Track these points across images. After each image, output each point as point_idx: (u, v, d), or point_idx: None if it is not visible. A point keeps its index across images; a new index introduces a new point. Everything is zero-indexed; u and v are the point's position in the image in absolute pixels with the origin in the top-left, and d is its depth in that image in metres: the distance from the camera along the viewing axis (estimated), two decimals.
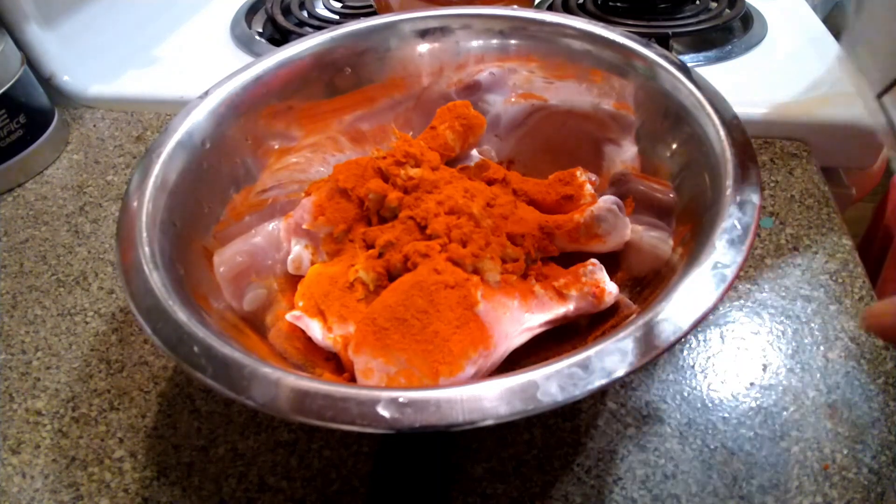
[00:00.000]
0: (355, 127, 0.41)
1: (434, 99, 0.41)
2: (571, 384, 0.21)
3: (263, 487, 0.31)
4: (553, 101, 0.40)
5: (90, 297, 0.41)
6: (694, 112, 0.32)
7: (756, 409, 0.32)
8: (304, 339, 0.31)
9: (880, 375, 0.33)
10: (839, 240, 0.40)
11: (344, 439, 0.32)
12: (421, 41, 0.41)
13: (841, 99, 0.48)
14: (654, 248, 0.32)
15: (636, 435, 0.31)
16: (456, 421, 0.21)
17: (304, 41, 0.40)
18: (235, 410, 0.34)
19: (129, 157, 0.53)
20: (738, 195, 0.27)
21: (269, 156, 0.38)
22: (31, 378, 0.36)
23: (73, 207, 0.48)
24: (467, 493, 0.30)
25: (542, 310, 0.31)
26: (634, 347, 0.22)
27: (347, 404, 0.21)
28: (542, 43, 0.40)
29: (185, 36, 0.67)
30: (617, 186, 0.37)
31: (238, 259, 0.34)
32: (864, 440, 0.30)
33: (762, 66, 0.54)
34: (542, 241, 0.33)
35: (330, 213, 0.34)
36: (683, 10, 0.61)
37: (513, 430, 0.32)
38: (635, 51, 0.36)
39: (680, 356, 0.35)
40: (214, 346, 0.24)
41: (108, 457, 0.32)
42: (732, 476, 0.29)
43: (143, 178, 0.31)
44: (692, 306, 0.23)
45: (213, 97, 0.36)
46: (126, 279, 0.27)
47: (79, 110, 0.59)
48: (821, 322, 0.36)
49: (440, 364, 0.27)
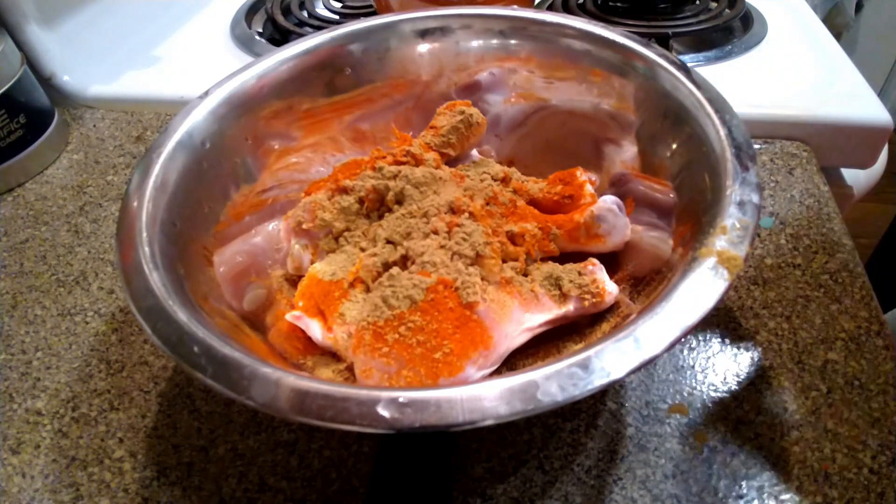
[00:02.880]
0: (355, 127, 0.41)
1: (434, 99, 0.41)
2: (571, 384, 0.21)
3: (263, 487, 0.31)
4: (553, 101, 0.40)
5: (90, 297, 0.41)
6: (694, 112, 0.32)
7: (756, 409, 0.32)
8: (304, 339, 0.31)
9: (880, 375, 0.33)
10: (839, 240, 0.40)
11: (344, 439, 0.32)
12: (421, 41, 0.41)
13: (841, 99, 0.48)
14: (654, 248, 0.32)
15: (636, 435, 0.31)
16: (456, 421, 0.21)
17: (304, 41, 0.40)
18: (235, 410, 0.34)
19: (129, 157, 0.53)
20: (738, 195, 0.27)
21: (269, 156, 0.38)
22: (31, 378, 0.36)
23: (73, 207, 0.48)
24: (467, 493, 0.30)
25: (542, 310, 0.31)
26: (634, 347, 0.22)
27: (347, 404, 0.21)
28: (542, 43, 0.40)
29: (185, 36, 0.67)
30: (617, 186, 0.37)
31: (238, 259, 0.34)
32: (864, 440, 0.30)
33: (762, 66, 0.54)
34: (542, 241, 0.33)
35: (330, 212, 0.34)
36: (683, 10, 0.61)
37: (513, 430, 0.32)
38: (635, 51, 0.36)
39: (680, 356, 0.35)
40: (214, 346, 0.24)
41: (108, 457, 0.32)
42: (732, 476, 0.29)
43: (143, 178, 0.31)
44: (692, 306, 0.23)
45: (213, 97, 0.36)
46: (126, 279, 0.27)
47: (79, 110, 0.59)
48: (821, 322, 0.36)
49: (440, 364, 0.27)
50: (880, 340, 0.34)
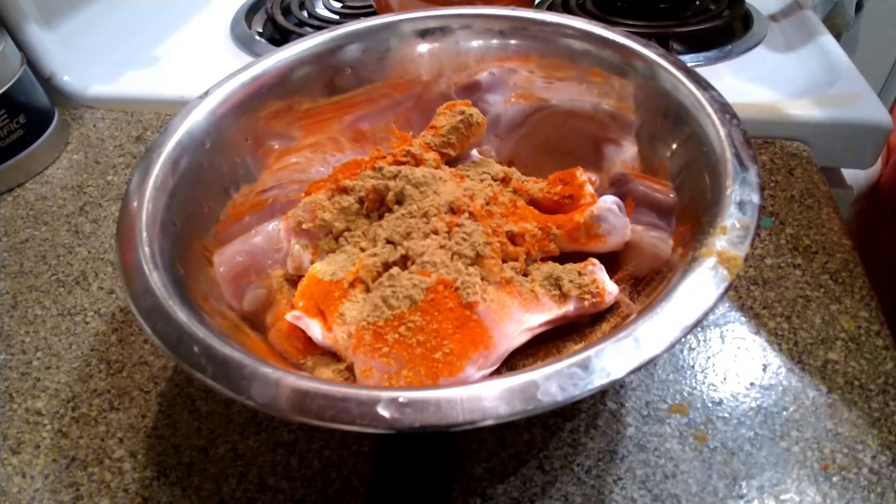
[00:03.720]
0: (355, 127, 0.41)
1: (434, 99, 0.41)
2: (571, 384, 0.21)
3: (263, 487, 0.31)
4: (553, 101, 0.40)
5: (90, 297, 0.41)
6: (694, 112, 0.32)
7: (756, 409, 0.32)
8: (304, 339, 0.31)
9: (880, 375, 0.33)
10: (839, 240, 0.40)
11: (344, 439, 0.32)
12: (421, 41, 0.41)
13: (841, 99, 0.48)
14: (654, 248, 0.32)
15: (636, 435, 0.31)
16: (456, 421, 0.21)
17: (304, 41, 0.40)
18: (235, 410, 0.34)
19: (129, 157, 0.53)
20: (738, 195, 0.27)
21: (269, 156, 0.38)
22: (31, 378, 0.36)
23: (73, 207, 0.48)
24: (467, 493, 0.30)
25: (542, 310, 0.31)
26: (634, 347, 0.22)
27: (347, 404, 0.21)
28: (542, 43, 0.40)
29: (185, 36, 0.67)
30: (617, 186, 0.37)
31: (238, 259, 0.34)
32: (864, 440, 0.30)
33: (762, 66, 0.54)
34: (542, 241, 0.33)
35: (330, 212, 0.34)
36: (683, 10, 0.61)
37: (513, 430, 0.32)
38: (635, 51, 0.36)
39: (680, 356, 0.35)
40: (214, 346, 0.24)
41: (108, 457, 0.32)
42: (732, 476, 0.29)
43: (143, 178, 0.31)
44: (692, 306, 0.23)
45: (213, 97, 0.36)
46: (126, 279, 0.27)
47: (79, 110, 0.59)
48: (821, 322, 0.36)
49: (440, 364, 0.27)
50: (880, 340, 0.34)
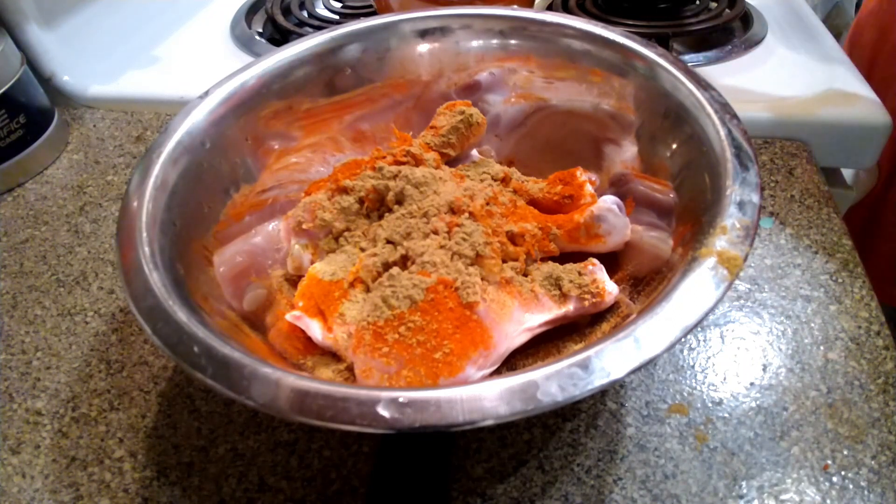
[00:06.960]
0: (355, 127, 0.41)
1: (434, 99, 0.41)
2: (571, 384, 0.21)
3: (263, 487, 0.31)
4: (553, 101, 0.40)
5: (90, 297, 0.41)
6: (694, 112, 0.32)
7: (756, 409, 0.32)
8: (304, 339, 0.31)
9: (880, 375, 0.33)
10: (839, 240, 0.40)
11: (344, 439, 0.32)
12: (421, 41, 0.41)
13: (841, 99, 0.48)
14: (654, 248, 0.32)
15: (636, 435, 0.31)
16: (456, 421, 0.21)
17: (304, 41, 0.40)
18: (235, 410, 0.34)
19: (129, 157, 0.53)
20: (738, 195, 0.27)
21: (269, 156, 0.38)
22: (31, 378, 0.36)
23: (73, 207, 0.48)
24: (467, 493, 0.30)
25: (542, 310, 0.31)
26: (634, 347, 0.22)
27: (347, 404, 0.21)
28: (542, 43, 0.40)
29: (185, 36, 0.67)
30: (617, 186, 0.37)
31: (238, 259, 0.34)
32: (864, 440, 0.30)
33: (762, 66, 0.54)
34: (542, 241, 0.33)
35: (330, 212, 0.34)
36: (683, 10, 0.61)
37: (513, 430, 0.32)
38: (635, 51, 0.36)
39: (680, 356, 0.35)
40: (214, 346, 0.24)
41: (108, 457, 0.32)
42: (732, 476, 0.29)
43: (143, 178, 0.31)
44: (692, 306, 0.23)
45: (213, 97, 0.36)
46: (126, 279, 0.27)
47: (79, 110, 0.59)
48: (821, 322, 0.36)
49: (440, 364, 0.27)
50: (880, 340, 0.34)
